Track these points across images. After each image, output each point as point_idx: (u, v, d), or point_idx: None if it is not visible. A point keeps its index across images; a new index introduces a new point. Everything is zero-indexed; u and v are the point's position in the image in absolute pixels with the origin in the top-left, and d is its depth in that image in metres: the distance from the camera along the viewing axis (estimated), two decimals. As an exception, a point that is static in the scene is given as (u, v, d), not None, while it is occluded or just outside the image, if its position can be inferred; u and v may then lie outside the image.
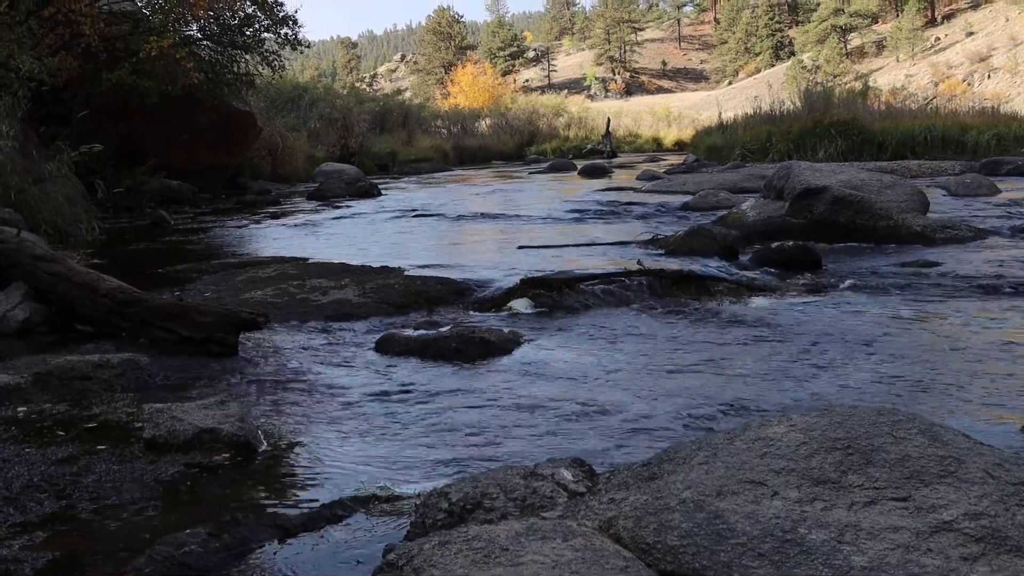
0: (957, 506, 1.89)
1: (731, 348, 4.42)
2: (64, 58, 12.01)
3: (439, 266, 7.06)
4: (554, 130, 45.52)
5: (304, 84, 34.42)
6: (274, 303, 5.50)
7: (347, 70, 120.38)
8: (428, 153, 32.50)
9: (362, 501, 2.57)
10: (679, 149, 38.28)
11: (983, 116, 23.29)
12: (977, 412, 3.25)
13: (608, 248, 7.97)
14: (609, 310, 5.42)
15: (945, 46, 74.98)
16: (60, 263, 5.05)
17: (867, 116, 21.99)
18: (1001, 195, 12.27)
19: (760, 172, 14.44)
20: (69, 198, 9.93)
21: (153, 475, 2.78)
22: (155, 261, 7.95)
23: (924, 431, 2.17)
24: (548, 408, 3.49)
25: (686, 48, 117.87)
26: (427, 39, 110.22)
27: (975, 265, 6.50)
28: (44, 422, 3.32)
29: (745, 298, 5.68)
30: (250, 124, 18.00)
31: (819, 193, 8.21)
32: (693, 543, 1.87)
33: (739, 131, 23.87)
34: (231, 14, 15.53)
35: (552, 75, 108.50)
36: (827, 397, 3.51)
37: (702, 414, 3.35)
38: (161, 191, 14.56)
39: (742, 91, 74.54)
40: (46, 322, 4.90)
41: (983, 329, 4.63)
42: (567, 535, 1.86)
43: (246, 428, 3.08)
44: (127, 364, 3.97)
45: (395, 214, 12.59)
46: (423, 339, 4.52)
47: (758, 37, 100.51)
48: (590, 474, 2.40)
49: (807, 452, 2.11)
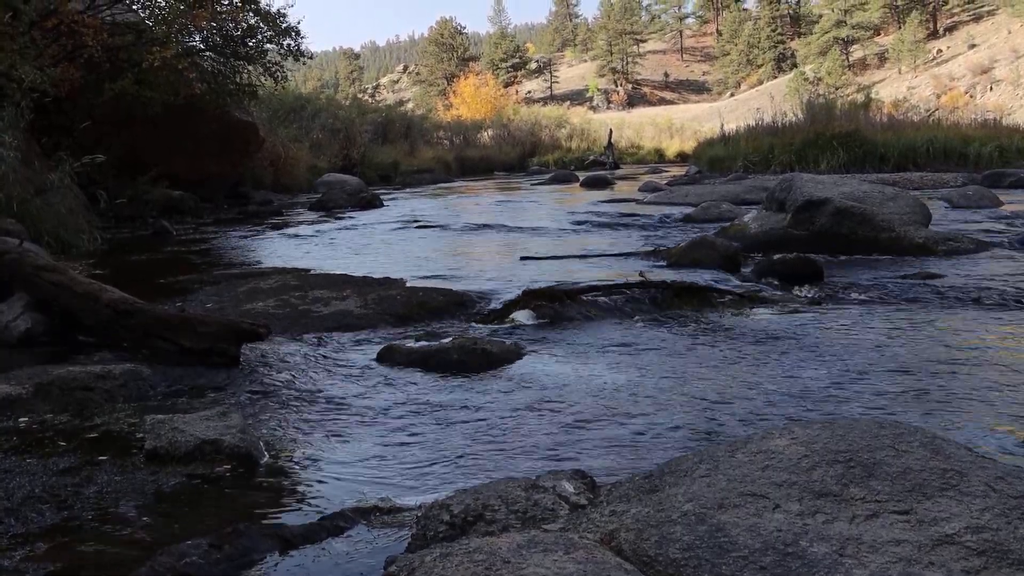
0: (959, 519, 1.89)
1: (733, 360, 4.41)
2: (66, 69, 12.04)
3: (441, 277, 7.07)
4: (556, 141, 45.52)
5: (306, 95, 34.55)
6: (276, 314, 5.50)
7: (349, 81, 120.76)
8: (430, 164, 32.52)
9: (363, 513, 2.57)
10: (681, 160, 38.29)
11: (985, 128, 23.32)
12: (979, 425, 3.24)
13: (610, 259, 7.97)
14: (611, 321, 5.42)
15: (947, 58, 75.11)
16: (62, 273, 5.05)
17: (869, 128, 22.02)
18: (1003, 207, 12.27)
19: (762, 184, 14.46)
20: (71, 208, 9.94)
21: (154, 486, 2.78)
22: (157, 271, 7.96)
23: (926, 444, 2.16)
24: (550, 420, 3.49)
25: (688, 60, 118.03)
26: (429, 50, 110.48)
27: (977, 277, 6.50)
28: (45, 433, 3.32)
29: (747, 310, 5.68)
30: (252, 134, 18.02)
31: (821, 205, 8.21)
32: (695, 556, 1.87)
33: (741, 143, 23.88)
34: (234, 25, 15.56)
35: (554, 86, 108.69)
36: (829, 409, 3.50)
37: (704, 426, 3.35)
38: (163, 201, 14.57)
39: (744, 103, 74.60)
40: (48, 332, 4.89)
41: (985, 341, 4.63)
42: (569, 548, 1.86)
43: (248, 439, 3.08)
44: (129, 375, 3.98)
45: (397, 225, 12.60)
46: (425, 351, 4.52)
47: (760, 49, 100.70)
48: (591, 486, 2.40)
49: (809, 465, 2.11)
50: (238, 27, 15.62)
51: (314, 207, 16.54)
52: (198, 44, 15.79)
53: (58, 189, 9.78)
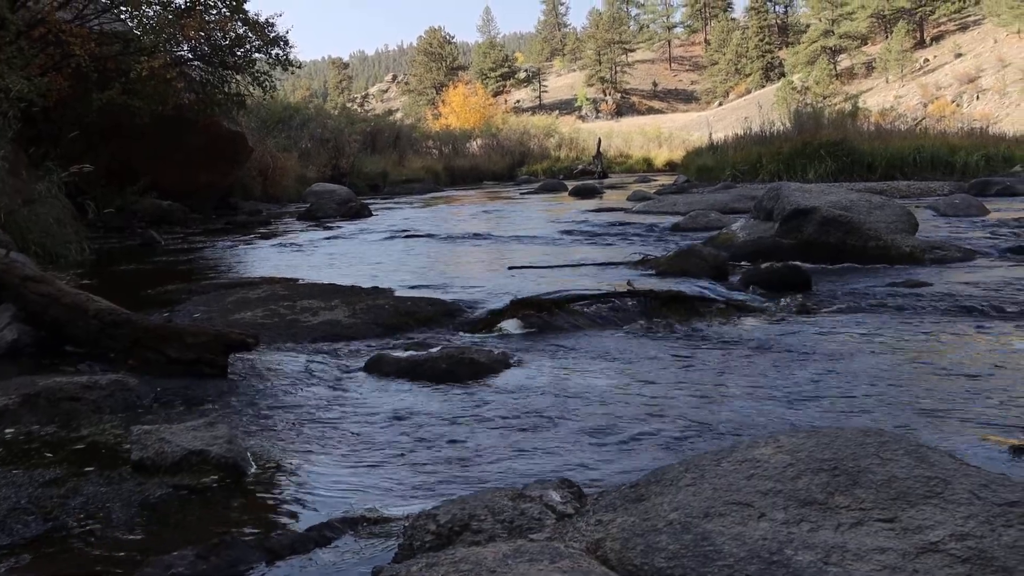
0: (943, 527, 1.89)
1: (720, 368, 4.42)
2: (54, 78, 12.04)
3: (430, 287, 7.06)
4: (545, 151, 45.58)
5: (295, 104, 34.55)
6: (264, 324, 5.50)
7: (338, 90, 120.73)
8: (419, 173, 32.56)
9: (351, 523, 2.57)
10: (670, 170, 38.43)
11: (972, 137, 23.48)
12: (964, 433, 3.25)
13: (598, 269, 7.98)
14: (599, 330, 5.43)
15: (934, 67, 75.53)
16: (49, 284, 5.04)
17: (857, 137, 22.15)
18: (990, 215, 12.34)
19: (750, 193, 14.53)
20: (59, 219, 9.92)
21: (141, 497, 2.77)
22: (145, 282, 7.94)
23: (910, 452, 2.17)
24: (537, 429, 3.49)
25: (676, 69, 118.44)
26: (418, 60, 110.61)
27: (963, 286, 6.53)
28: (32, 444, 3.31)
29: (734, 318, 5.69)
30: (241, 144, 18.03)
31: (808, 214, 8.24)
32: (680, 565, 1.87)
33: (729, 152, 24.00)
34: (222, 35, 15.59)
35: (543, 96, 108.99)
36: (814, 418, 3.51)
37: (690, 435, 3.35)
38: (151, 211, 14.56)
39: (732, 112, 74.86)
40: (35, 343, 4.88)
41: (971, 350, 4.65)
42: (554, 557, 1.86)
43: (235, 450, 3.07)
44: (116, 385, 3.96)
45: (386, 234, 12.60)
46: (413, 360, 4.52)
47: (748, 58, 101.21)
48: (578, 495, 2.41)
49: (794, 473, 2.12)
50: (226, 37, 15.64)
51: (303, 217, 16.53)
52: (186, 54, 15.80)
53: (46, 199, 9.77)
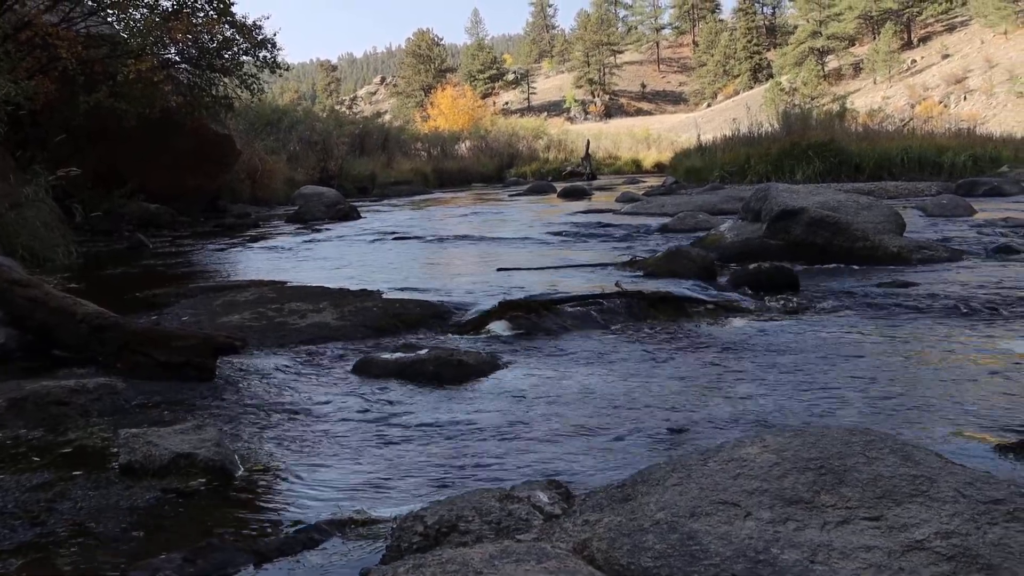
0: (929, 525, 1.91)
1: (707, 369, 4.43)
2: (41, 81, 11.98)
3: (418, 289, 7.06)
4: (534, 152, 45.52)
5: (284, 107, 34.47)
6: (252, 327, 5.49)
7: (327, 93, 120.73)
8: (408, 176, 32.47)
9: (338, 525, 2.57)
10: (658, 171, 38.40)
11: (959, 137, 23.56)
12: (949, 431, 3.27)
13: (587, 270, 7.99)
14: (587, 332, 5.43)
15: (921, 68, 75.81)
16: (37, 288, 5.02)
17: (845, 138, 22.21)
18: (977, 215, 12.39)
19: (738, 194, 14.54)
20: (46, 222, 9.89)
21: (129, 501, 2.77)
22: (133, 285, 7.91)
23: (896, 450, 2.18)
24: (525, 430, 3.49)
25: (665, 71, 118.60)
26: (407, 62, 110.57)
27: (950, 286, 6.55)
28: (19, 448, 3.30)
29: (722, 319, 5.70)
30: (229, 147, 17.98)
31: (796, 215, 8.26)
32: (666, 564, 1.88)
33: (718, 153, 24.05)
34: (209, 37, 15.53)
35: (532, 97, 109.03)
36: (801, 417, 3.52)
37: (678, 435, 3.36)
38: (139, 214, 14.51)
39: (721, 113, 74.98)
40: (22, 347, 4.86)
41: (957, 349, 4.67)
42: (541, 557, 1.86)
43: (222, 453, 3.07)
44: (103, 389, 3.96)
45: (374, 237, 12.58)
46: (401, 362, 4.52)
47: (736, 59, 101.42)
48: (566, 496, 2.41)
49: (780, 472, 2.13)
50: (214, 39, 15.60)
51: (291, 219, 16.50)
52: (174, 56, 15.76)
53: (33, 203, 9.74)
